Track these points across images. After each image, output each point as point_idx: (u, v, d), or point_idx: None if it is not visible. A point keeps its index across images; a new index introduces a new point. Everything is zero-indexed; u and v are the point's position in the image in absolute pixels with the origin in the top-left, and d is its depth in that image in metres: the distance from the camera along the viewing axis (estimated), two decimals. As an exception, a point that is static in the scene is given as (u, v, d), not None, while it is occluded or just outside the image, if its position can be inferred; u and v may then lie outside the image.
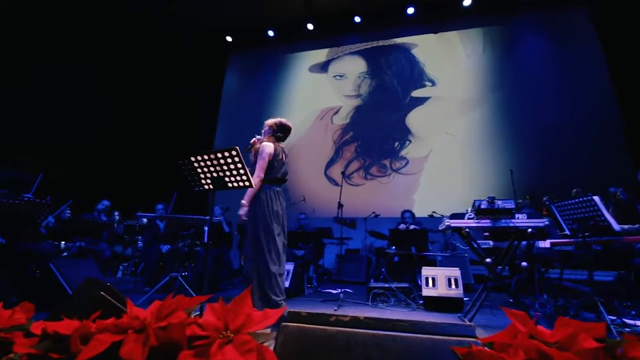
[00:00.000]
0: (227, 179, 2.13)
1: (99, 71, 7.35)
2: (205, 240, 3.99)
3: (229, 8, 7.90)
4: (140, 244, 5.44)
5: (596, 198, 2.40)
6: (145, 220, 5.50)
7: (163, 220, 4.39)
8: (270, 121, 2.89)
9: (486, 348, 0.62)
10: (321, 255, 5.78)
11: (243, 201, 2.59)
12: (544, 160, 6.35)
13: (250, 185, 2.14)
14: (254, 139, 2.80)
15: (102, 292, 1.16)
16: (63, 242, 4.44)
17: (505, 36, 7.45)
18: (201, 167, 2.13)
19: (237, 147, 2.02)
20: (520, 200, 4.85)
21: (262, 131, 2.89)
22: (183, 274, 4.20)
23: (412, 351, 0.69)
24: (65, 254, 4.21)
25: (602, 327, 0.59)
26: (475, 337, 0.70)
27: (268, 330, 0.76)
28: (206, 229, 3.90)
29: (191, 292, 3.38)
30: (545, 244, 2.99)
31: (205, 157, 2.08)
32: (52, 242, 4.10)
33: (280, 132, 2.85)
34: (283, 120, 2.88)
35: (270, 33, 8.82)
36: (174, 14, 7.89)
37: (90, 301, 1.19)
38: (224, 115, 9.21)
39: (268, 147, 2.69)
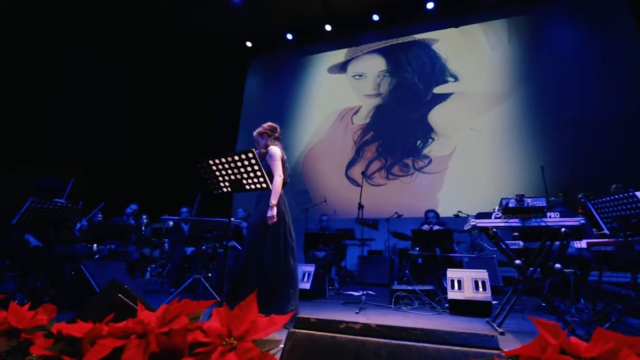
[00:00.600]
0: (244, 181, 2.13)
1: (127, 79, 7.68)
2: (224, 243, 4.05)
3: (247, 14, 8.02)
4: (167, 246, 5.61)
5: (639, 193, 2.20)
6: (171, 223, 5.67)
7: (187, 223, 4.50)
8: (259, 129, 2.87)
9: (511, 362, 0.56)
10: (343, 257, 5.72)
11: (273, 201, 2.47)
12: (578, 155, 5.97)
13: (268, 187, 2.13)
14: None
15: (119, 295, 1.18)
16: (95, 245, 4.65)
17: (532, 26, 7.10)
18: (219, 170, 2.15)
19: (253, 150, 2.02)
20: (552, 198, 4.59)
21: (256, 144, 2.85)
22: (208, 275, 4.29)
23: (428, 363, 0.63)
24: (97, 256, 4.41)
25: (649, 342, 0.52)
26: (498, 349, 0.64)
27: (277, 337, 0.73)
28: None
29: (214, 293, 3.43)
30: (582, 244, 2.80)
31: (223, 160, 2.09)
32: (85, 245, 4.31)
33: (275, 133, 2.85)
34: (268, 123, 2.90)
35: (289, 36, 8.88)
36: (195, 23, 8.11)
37: (110, 303, 1.22)
38: (246, 119, 9.36)
39: (277, 149, 2.68)
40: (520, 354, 0.57)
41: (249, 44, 9.19)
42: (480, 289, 3.08)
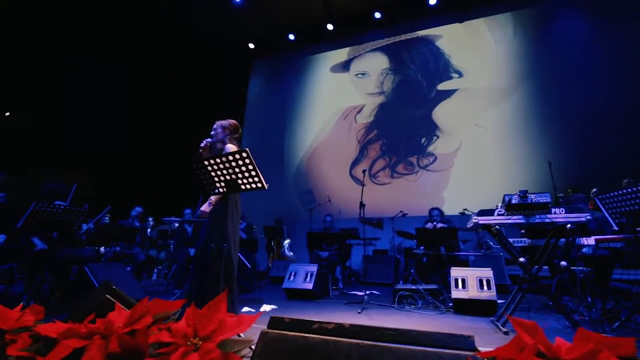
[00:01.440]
0: (239, 182, 2.12)
1: (129, 81, 7.77)
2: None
3: (249, 15, 8.04)
4: (172, 247, 5.65)
5: (647, 188, 2.12)
6: (176, 224, 5.71)
7: (191, 224, 4.52)
8: (224, 122, 2.75)
9: (486, 363, 0.53)
10: (348, 257, 5.68)
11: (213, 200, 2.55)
12: (586, 150, 5.82)
13: (263, 187, 2.11)
14: (205, 142, 2.65)
15: (107, 295, 1.18)
16: (103, 247, 4.71)
17: (537, 19, 6.95)
18: (214, 171, 2.14)
19: (247, 149, 2.00)
20: (561, 194, 4.48)
21: (214, 133, 2.72)
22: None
23: (401, 365, 0.60)
24: (104, 258, 4.46)
25: (631, 343, 0.48)
26: (474, 349, 0.60)
27: (252, 337, 0.71)
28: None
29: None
30: (590, 241, 2.71)
31: (218, 160, 2.08)
32: (93, 248, 4.36)
33: (237, 134, 2.75)
34: (234, 121, 2.79)
35: (291, 37, 8.87)
36: (197, 25, 8.17)
37: (98, 303, 1.21)
38: (249, 121, 9.39)
39: (234, 149, 2.59)
40: (497, 355, 0.54)
41: (251, 45, 9.22)
42: (485, 288, 3.01)
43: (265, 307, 3.31)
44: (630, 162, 5.30)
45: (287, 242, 6.59)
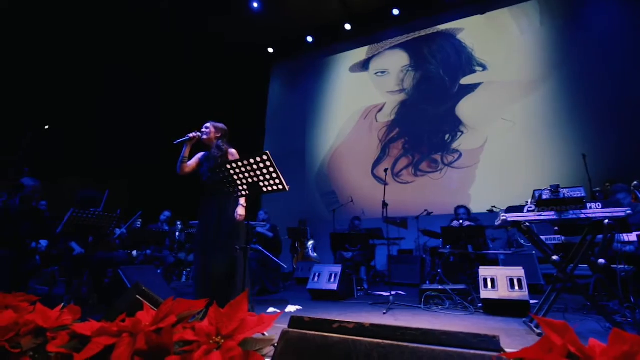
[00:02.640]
0: (261, 184, 2.16)
1: (156, 89, 8.10)
2: (254, 241, 4.12)
3: (267, 20, 8.16)
4: (199, 250, 5.82)
5: (694, 179, 1.96)
6: (203, 228, 5.87)
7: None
8: (217, 124, 2.88)
9: (512, 364, 0.50)
10: (372, 257, 5.63)
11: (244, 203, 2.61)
12: (622, 141, 5.45)
13: (284, 189, 2.14)
14: (195, 134, 2.76)
15: (137, 296, 1.23)
16: (135, 251, 4.93)
17: (566, 5, 6.60)
18: (237, 174, 2.19)
19: (268, 152, 2.03)
20: (597, 189, 4.23)
21: (206, 131, 2.83)
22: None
23: (422, 365, 0.59)
24: (136, 261, 4.67)
25: (671, 343, 0.44)
26: (499, 350, 0.58)
27: (273, 336, 0.72)
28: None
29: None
30: (632, 237, 2.54)
31: (240, 163, 2.13)
32: (125, 251, 4.58)
33: (226, 138, 2.91)
34: (224, 125, 2.94)
35: (309, 39, 8.93)
36: (217, 33, 8.39)
37: (129, 304, 1.27)
38: (271, 124, 9.53)
39: (236, 154, 2.79)
40: (523, 356, 0.51)
41: (270, 50, 9.36)
42: (516, 288, 2.89)
43: (291, 308, 3.34)
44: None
45: (311, 243, 6.62)
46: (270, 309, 3.19)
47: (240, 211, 2.65)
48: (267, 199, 8.75)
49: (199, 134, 2.78)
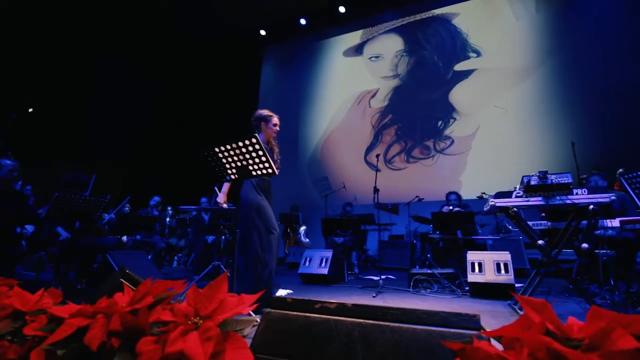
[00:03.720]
0: (250, 167, 2.13)
1: (147, 73, 7.89)
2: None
3: (259, 2, 7.93)
4: (191, 235, 5.81)
5: (678, 165, 1.99)
6: (194, 213, 5.84)
7: (207, 213, 4.61)
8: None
9: (491, 343, 0.51)
10: (363, 242, 5.69)
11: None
12: (611, 130, 5.51)
13: (274, 172, 2.12)
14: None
15: (121, 279, 1.21)
16: (125, 236, 4.88)
17: (563, -10, 6.52)
18: (225, 157, 2.15)
19: (257, 135, 2.00)
20: (584, 175, 4.28)
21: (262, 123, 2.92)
22: (230, 261, 4.40)
23: (403, 344, 0.59)
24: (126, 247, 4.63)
25: (647, 319, 0.44)
26: (479, 328, 0.58)
27: (256, 317, 0.72)
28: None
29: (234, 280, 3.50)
30: (614, 222, 2.59)
31: (228, 147, 2.09)
32: (115, 237, 4.53)
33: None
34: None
35: (302, 21, 8.71)
36: (208, 15, 8.14)
37: (114, 287, 1.26)
38: (264, 107, 9.35)
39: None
40: (502, 334, 0.51)
41: (262, 32, 9.13)
42: (503, 271, 2.95)
43: (281, 292, 3.36)
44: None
45: (303, 228, 6.64)
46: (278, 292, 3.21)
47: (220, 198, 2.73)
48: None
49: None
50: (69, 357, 0.61)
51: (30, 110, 6.58)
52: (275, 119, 2.96)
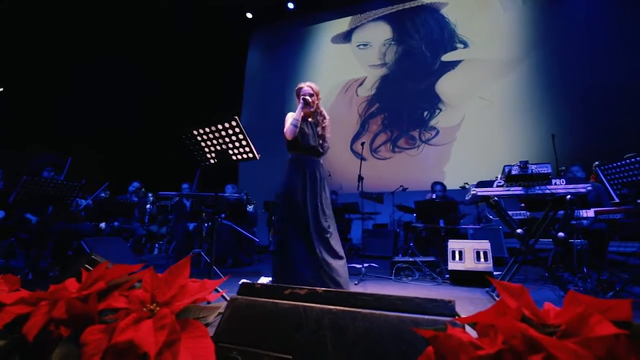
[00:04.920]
0: (230, 152, 2.06)
1: (126, 54, 7.56)
2: (223, 216, 4.05)
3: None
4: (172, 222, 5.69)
5: (652, 157, 2.04)
6: (176, 199, 5.71)
7: (189, 199, 4.50)
8: (318, 88, 2.62)
9: (465, 330, 0.48)
10: (348, 231, 5.71)
11: None
12: (592, 123, 5.65)
13: (255, 157, 2.06)
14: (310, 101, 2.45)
15: (86, 265, 1.15)
16: (103, 223, 4.73)
17: (550, -18, 6.56)
18: (204, 141, 2.07)
19: (237, 117, 1.92)
20: (563, 167, 4.39)
21: (314, 99, 2.56)
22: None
23: (374, 331, 0.57)
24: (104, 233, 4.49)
25: (626, 305, 0.43)
26: (454, 315, 0.56)
27: (221, 303, 0.68)
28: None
29: (214, 267, 3.45)
30: (589, 213, 2.66)
31: (207, 129, 2.01)
32: (92, 223, 4.38)
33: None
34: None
35: (290, 5, 8.48)
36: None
37: (75, 273, 1.19)
38: (249, 93, 9.19)
39: (289, 114, 2.50)
40: (477, 320, 0.49)
41: (249, 15, 8.85)
42: (482, 260, 3.01)
43: (263, 279, 3.34)
44: (634, 136, 5.16)
45: (287, 217, 6.60)
46: (243, 280, 3.18)
47: None
48: (244, 172, 8.59)
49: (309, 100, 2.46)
50: (8, 349, 0.55)
51: (1, 89, 6.22)
52: (305, 88, 2.54)
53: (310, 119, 2.55)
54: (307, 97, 2.44)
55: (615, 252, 2.93)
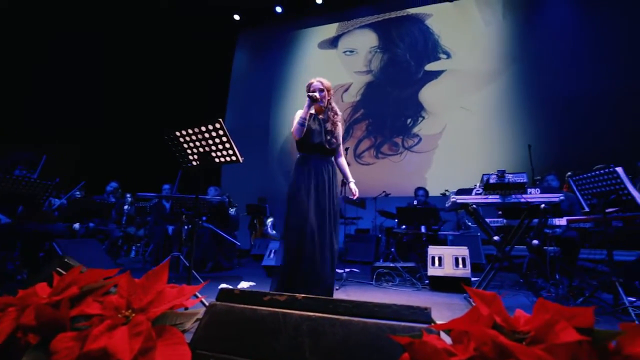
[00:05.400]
0: (213, 154, 2.03)
1: (109, 54, 7.36)
2: (204, 219, 3.98)
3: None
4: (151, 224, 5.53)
5: (619, 169, 2.16)
6: (155, 200, 5.57)
7: (169, 201, 4.40)
8: (329, 83, 2.39)
9: (440, 337, 0.50)
10: (329, 236, 5.71)
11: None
12: (567, 135, 5.92)
13: (238, 160, 2.04)
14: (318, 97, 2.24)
15: (58, 269, 1.10)
16: (78, 224, 4.55)
17: (528, 1, 6.86)
18: (187, 142, 2.04)
19: (220, 120, 1.91)
20: (538, 177, 4.57)
21: (325, 94, 2.34)
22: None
23: (352, 338, 0.57)
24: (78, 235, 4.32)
25: (589, 313, 0.45)
26: (429, 322, 0.58)
27: (199, 310, 0.67)
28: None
29: (193, 271, 3.38)
30: (562, 221, 2.78)
31: (190, 131, 1.99)
32: (65, 224, 4.21)
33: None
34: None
35: (278, 9, 8.50)
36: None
37: (46, 277, 1.14)
38: (234, 96, 9.11)
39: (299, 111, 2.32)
40: (452, 327, 0.51)
41: (236, 17, 8.80)
42: (461, 266, 3.08)
43: (244, 284, 3.30)
44: (608, 148, 5.43)
45: (270, 220, 6.56)
46: (222, 285, 3.13)
47: (355, 187, 2.42)
48: (226, 174, 8.49)
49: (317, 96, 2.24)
50: (-29, 357, 0.53)
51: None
52: (315, 83, 2.34)
53: (320, 116, 2.38)
54: (314, 94, 2.23)
55: (585, 259, 3.07)
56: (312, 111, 2.30)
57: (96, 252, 3.23)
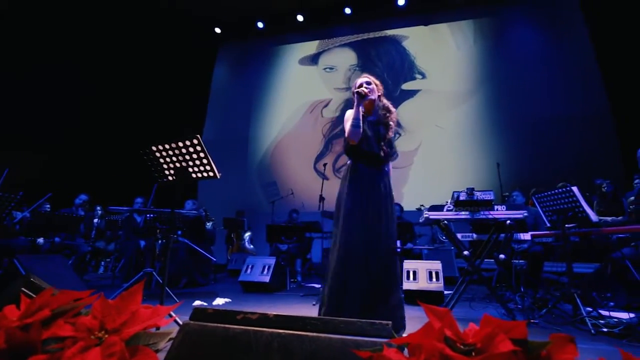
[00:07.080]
0: (190, 170, 2.03)
1: (84, 62, 7.18)
2: (179, 233, 3.90)
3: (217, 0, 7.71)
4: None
5: (574, 188, 2.33)
6: (127, 214, 5.40)
7: (141, 215, 4.29)
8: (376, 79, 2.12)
9: (399, 350, 0.54)
10: (308, 250, 5.72)
11: None
12: (533, 154, 6.30)
13: (215, 176, 2.04)
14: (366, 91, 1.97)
15: (23, 288, 1.07)
16: (42, 238, 4.32)
17: (495, 27, 7.36)
18: (163, 157, 2.03)
19: (199, 136, 1.92)
20: (506, 193, 4.80)
21: (372, 87, 2.04)
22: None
23: (319, 354, 0.61)
24: (42, 250, 4.10)
25: (522, 326, 0.51)
26: (390, 336, 0.62)
27: (172, 329, 0.68)
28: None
29: (167, 289, 3.29)
30: (527, 236, 2.94)
31: (167, 146, 1.98)
32: (28, 238, 3.99)
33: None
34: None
35: (260, 25, 8.64)
36: (161, 6, 7.69)
37: (14, 298, 1.11)
38: (213, 108, 9.07)
39: (349, 111, 2.03)
40: (409, 341, 0.56)
41: (217, 30, 8.86)
42: (434, 280, 3.17)
43: (219, 301, 3.24)
44: (571, 166, 5.82)
45: (247, 234, 6.48)
46: (197, 302, 3.06)
47: None
48: (203, 187, 8.34)
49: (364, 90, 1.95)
50: None
51: None
52: (361, 79, 2.08)
53: (370, 117, 2.04)
54: (361, 89, 1.93)
55: (549, 272, 3.24)
56: (362, 110, 1.98)
57: (62, 269, 3.09)
